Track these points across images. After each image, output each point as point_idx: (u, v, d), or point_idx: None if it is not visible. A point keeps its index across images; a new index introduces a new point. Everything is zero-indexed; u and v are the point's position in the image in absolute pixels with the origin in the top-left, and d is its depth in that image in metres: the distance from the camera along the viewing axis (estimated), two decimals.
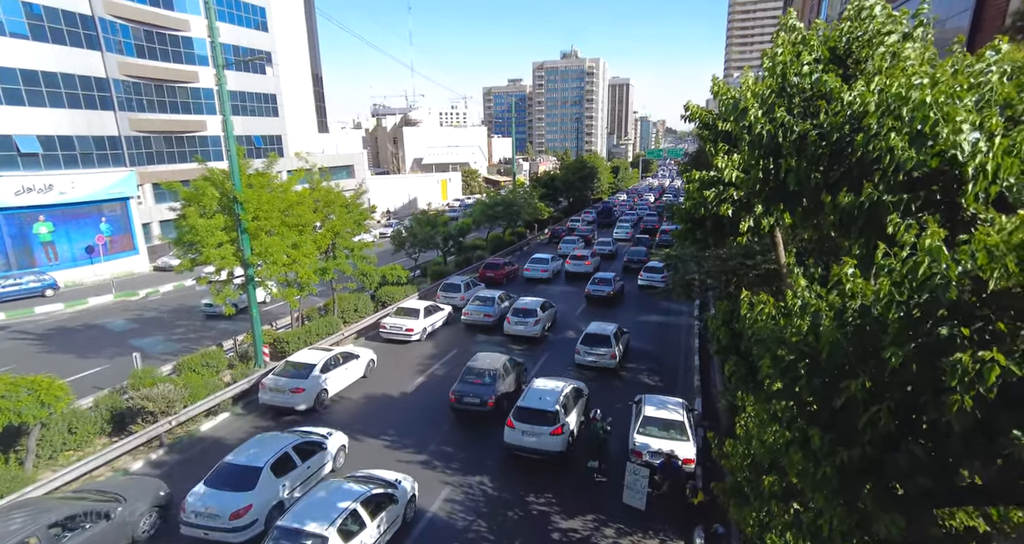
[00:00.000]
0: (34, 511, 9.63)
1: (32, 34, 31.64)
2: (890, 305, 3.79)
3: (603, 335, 19.83)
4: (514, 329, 22.78)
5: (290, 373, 16.78)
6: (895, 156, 5.09)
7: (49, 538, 9.26)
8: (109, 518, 10.36)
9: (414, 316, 22.97)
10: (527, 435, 13.83)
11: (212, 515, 10.70)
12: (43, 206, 32.97)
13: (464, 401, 16.02)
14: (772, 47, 7.43)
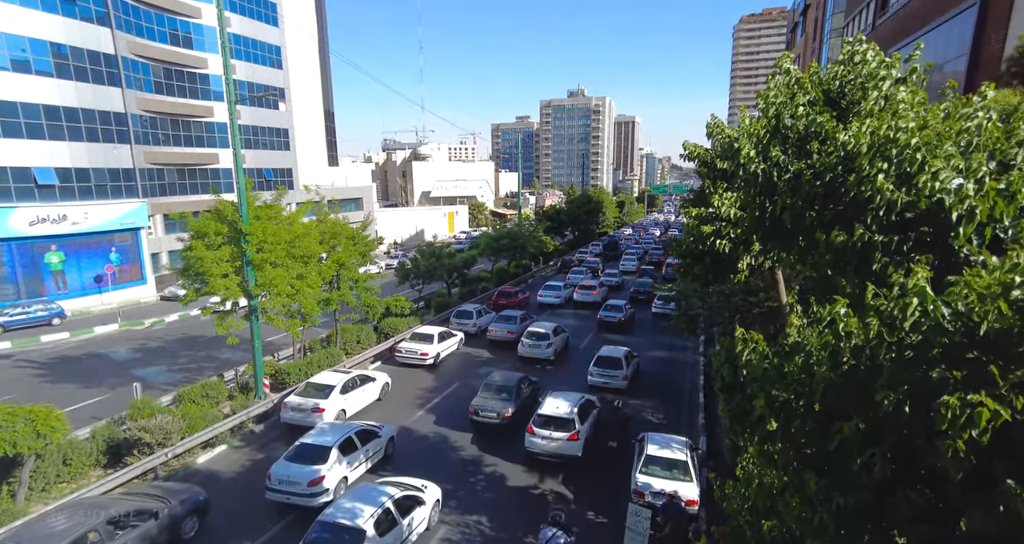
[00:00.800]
0: (94, 508, 10.57)
1: (57, 72, 32.94)
2: (880, 346, 3.76)
3: (615, 358, 20.93)
4: (527, 351, 24.01)
5: (311, 393, 17.64)
6: (884, 197, 5.16)
7: (107, 532, 10.14)
8: (157, 517, 11.25)
9: (429, 341, 23.88)
10: (546, 440, 15.03)
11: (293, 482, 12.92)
12: (56, 236, 33.58)
13: (481, 414, 17.08)
14: (767, 89, 7.64)
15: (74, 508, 10.59)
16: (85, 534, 9.76)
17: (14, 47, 31.02)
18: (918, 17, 15.53)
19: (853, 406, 4.22)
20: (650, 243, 71.17)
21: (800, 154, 7.14)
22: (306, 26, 59.68)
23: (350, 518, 10.58)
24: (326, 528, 10.57)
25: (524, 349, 24.09)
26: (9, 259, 32.19)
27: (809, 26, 39.26)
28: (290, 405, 17.52)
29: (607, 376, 20.50)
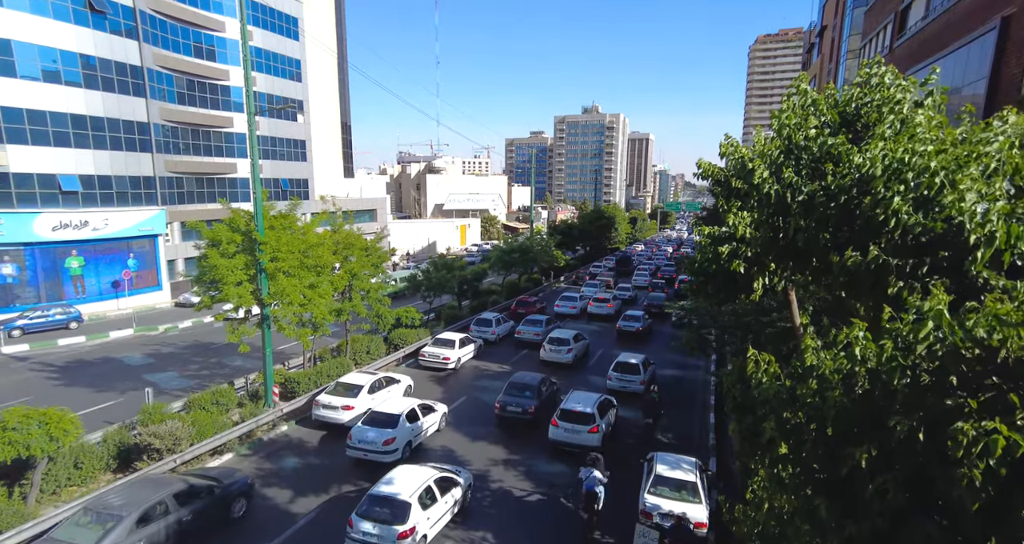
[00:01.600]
0: (162, 482, 12.13)
1: (86, 83, 33.90)
2: (895, 370, 3.72)
3: (633, 363, 22.23)
4: (549, 355, 25.59)
5: (341, 393, 18.64)
6: (900, 220, 5.13)
7: (173, 504, 11.55)
8: (213, 495, 12.52)
9: (451, 346, 25.17)
10: (569, 432, 16.69)
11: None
12: (77, 241, 34.26)
13: (508, 410, 18.65)
14: (781, 110, 7.66)
15: (145, 482, 12.24)
16: (156, 503, 11.24)
17: (46, 58, 32.03)
18: (937, 40, 15.51)
19: (866, 431, 4.16)
20: (662, 259, 70.92)
21: (814, 176, 7.13)
22: (326, 40, 60.94)
23: (397, 493, 11.83)
24: (376, 501, 11.84)
25: (546, 353, 25.70)
26: (31, 263, 32.88)
27: (825, 47, 39.34)
28: (321, 403, 18.44)
29: (625, 380, 21.87)
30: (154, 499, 11.22)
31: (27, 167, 31.83)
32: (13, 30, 30.53)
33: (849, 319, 6.03)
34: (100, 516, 10.64)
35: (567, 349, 25.43)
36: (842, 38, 31.65)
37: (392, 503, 11.70)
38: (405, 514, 11.53)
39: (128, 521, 10.57)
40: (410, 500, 11.75)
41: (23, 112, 31.28)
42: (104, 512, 10.71)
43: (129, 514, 10.68)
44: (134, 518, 10.69)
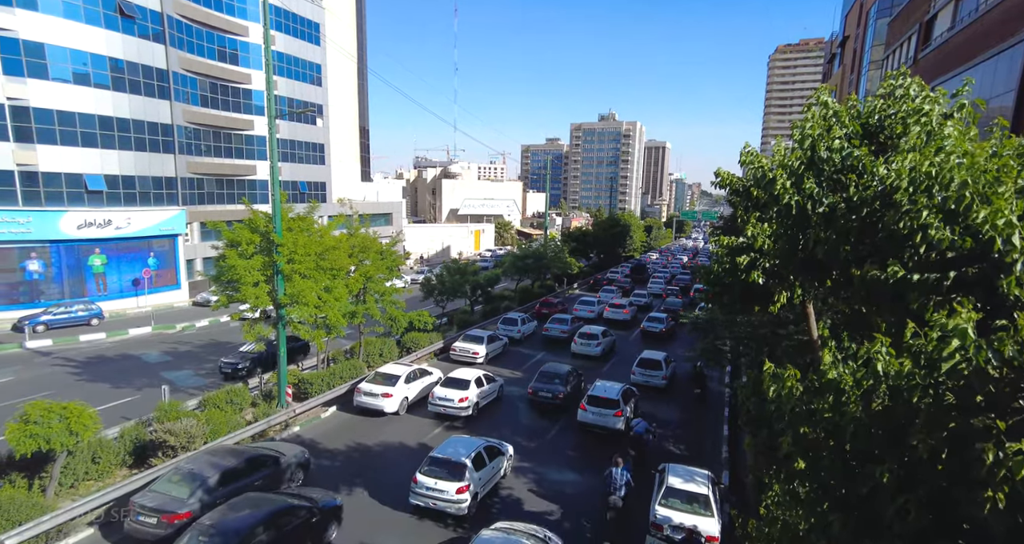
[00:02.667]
0: (235, 451, 13.94)
1: (113, 85, 34.76)
2: (916, 388, 3.64)
3: (656, 359, 23.97)
4: (579, 349, 28.26)
5: (381, 381, 20.35)
6: (928, 235, 5.03)
7: (246, 468, 13.29)
8: (278, 464, 14.18)
9: (480, 342, 27.12)
10: (596, 415, 18.64)
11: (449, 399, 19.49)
12: (100, 240, 34.99)
13: (539, 395, 20.90)
14: (803, 120, 7.58)
15: (220, 450, 14.06)
16: (233, 468, 13.01)
17: (77, 61, 32.90)
18: (963, 51, 15.29)
19: (885, 449, 4.08)
20: (677, 268, 70.73)
21: (835, 187, 7.04)
22: (346, 45, 61.80)
23: (455, 455, 14.01)
24: (437, 461, 13.85)
25: (576, 347, 28.33)
26: (56, 260, 33.64)
27: (847, 58, 38.96)
28: (363, 391, 20.16)
29: (648, 375, 23.53)
30: (231, 464, 13.07)
31: (55, 167, 32.66)
32: (47, 34, 31.44)
33: (869, 334, 5.94)
34: (190, 475, 12.52)
35: (596, 343, 28.06)
36: (864, 49, 31.32)
37: (451, 464, 13.69)
38: (462, 473, 13.52)
39: (212, 480, 12.47)
40: (466, 461, 13.77)
41: (53, 113, 32.15)
42: (191, 473, 12.57)
43: (212, 475, 12.57)
44: (216, 479, 12.55)
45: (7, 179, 31.17)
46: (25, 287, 32.88)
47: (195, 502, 11.94)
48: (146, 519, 11.71)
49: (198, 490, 12.12)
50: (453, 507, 13.40)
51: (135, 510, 11.87)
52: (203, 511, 11.65)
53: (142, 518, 11.77)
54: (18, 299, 32.50)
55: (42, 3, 31.19)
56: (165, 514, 11.62)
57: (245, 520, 10.83)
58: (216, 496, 12.24)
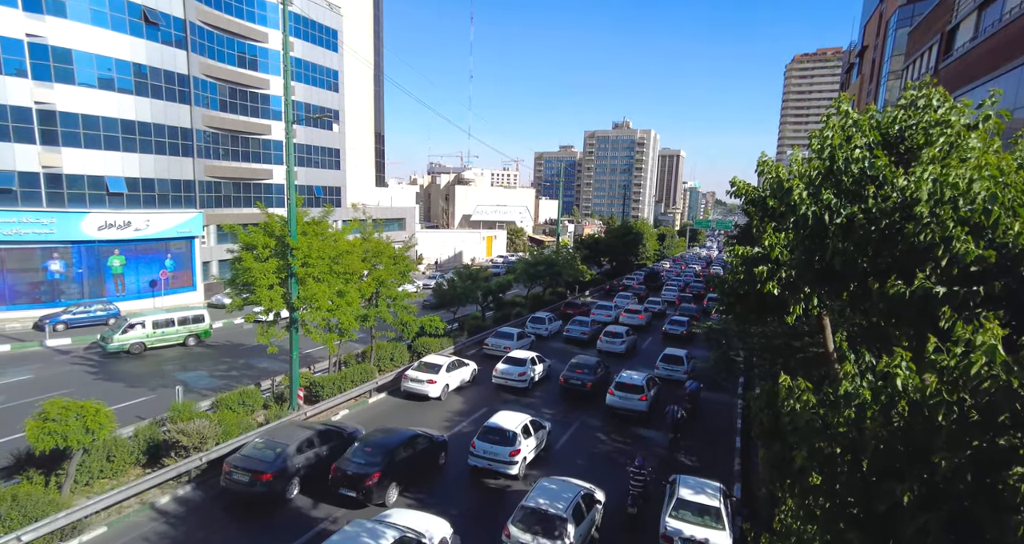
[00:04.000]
0: (305, 427, 16.20)
1: (136, 90, 35.51)
2: (939, 405, 3.56)
3: (678, 355, 26.77)
4: (604, 346, 30.94)
5: (425, 370, 22.62)
6: (952, 247, 4.94)
7: (318, 440, 15.42)
8: (342, 437, 16.32)
9: (510, 339, 29.55)
10: (623, 399, 21.10)
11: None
12: (119, 241, 35.62)
13: (570, 383, 23.39)
14: (822, 129, 7.51)
15: (298, 426, 16.27)
16: (308, 439, 15.07)
17: (102, 67, 33.68)
18: (986, 61, 15.08)
19: (906, 466, 3.98)
20: (691, 277, 70.72)
21: (854, 198, 6.96)
22: (363, 52, 62.53)
23: (507, 424, 16.54)
24: (491, 430, 16.38)
25: (602, 344, 31.01)
26: (77, 261, 34.29)
27: (865, 68, 38.61)
28: (410, 377, 22.54)
29: (671, 370, 26.19)
30: (306, 436, 15.15)
31: (79, 169, 33.38)
32: (74, 40, 32.25)
33: (888, 347, 5.83)
34: (271, 444, 14.58)
35: (620, 341, 30.86)
36: (884, 58, 31.03)
37: (503, 432, 16.18)
38: (515, 439, 15.98)
39: (291, 448, 14.48)
40: (517, 430, 16.27)
41: (78, 117, 32.90)
42: (274, 442, 14.67)
43: (291, 444, 14.62)
44: (294, 447, 14.58)
45: (33, 181, 31.91)
46: (47, 287, 33.53)
47: (278, 465, 13.97)
48: (240, 477, 13.87)
49: (280, 455, 14.14)
50: (506, 467, 15.81)
51: (230, 470, 13.94)
52: (283, 472, 14.00)
53: (236, 476, 13.89)
54: (40, 298, 33.15)
55: (71, 10, 32.01)
56: (256, 473, 13.73)
57: (391, 439, 15.13)
58: (294, 461, 14.40)
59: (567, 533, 11.72)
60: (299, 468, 14.53)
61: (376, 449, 14.54)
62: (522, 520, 12.13)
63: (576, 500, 12.63)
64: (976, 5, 16.65)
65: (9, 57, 30.38)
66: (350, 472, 13.94)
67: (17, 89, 30.75)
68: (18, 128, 31.07)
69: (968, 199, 4.76)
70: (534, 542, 11.76)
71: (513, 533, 11.96)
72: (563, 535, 11.69)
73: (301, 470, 14.60)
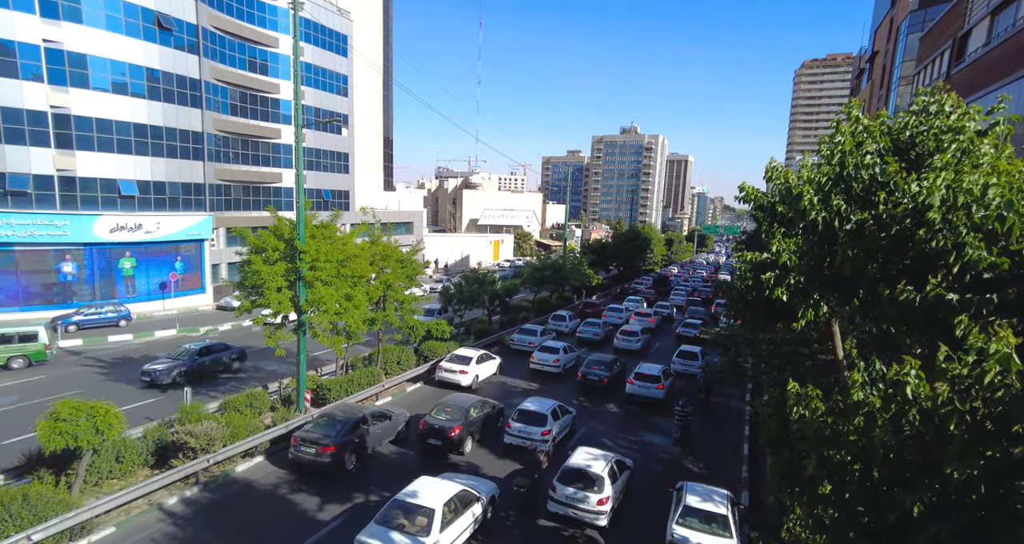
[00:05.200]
0: (363, 408, 18.03)
1: (149, 94, 35.99)
2: (951, 414, 3.51)
3: (693, 352, 28.72)
4: (621, 344, 32.74)
5: (457, 361, 24.66)
6: (964, 254, 4.89)
7: (371, 419, 17.31)
8: (390, 419, 18.19)
9: (534, 335, 31.67)
10: (641, 388, 23.23)
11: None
12: (130, 243, 36.01)
13: (588, 378, 24.94)
14: (832, 135, 7.46)
15: (351, 406, 18.35)
16: (363, 416, 17.08)
17: (116, 71, 34.17)
18: (999, 67, 14.96)
19: (917, 476, 3.94)
20: (698, 282, 70.78)
21: (864, 204, 6.91)
22: (372, 57, 62.99)
23: (540, 408, 18.41)
24: (524, 413, 18.28)
25: (618, 342, 32.90)
26: (89, 262, 34.71)
27: (876, 73, 38.40)
28: (444, 368, 24.55)
29: (686, 364, 28.10)
30: (360, 415, 17.12)
31: (92, 172, 33.82)
32: (89, 45, 32.76)
33: (898, 355, 5.77)
34: (332, 419, 16.62)
35: (636, 339, 32.68)
36: (894, 64, 30.85)
37: (536, 415, 18.10)
38: (545, 421, 17.95)
39: (348, 425, 16.36)
40: (547, 414, 18.13)
41: (92, 121, 33.36)
42: (335, 420, 16.58)
43: (350, 420, 16.47)
44: (351, 424, 16.39)
45: (47, 183, 32.36)
46: (59, 288, 33.93)
47: (338, 439, 15.83)
48: (307, 449, 15.78)
49: (340, 431, 16.10)
50: (538, 445, 17.33)
51: (298, 443, 15.88)
52: (344, 446, 15.99)
53: (303, 449, 15.80)
54: (52, 299, 33.55)
55: (87, 16, 32.53)
56: (320, 445, 15.60)
57: (466, 401, 18.59)
58: (352, 436, 16.39)
59: (605, 488, 13.80)
60: (356, 442, 16.61)
61: (455, 409, 18.03)
62: (566, 478, 14.13)
63: (611, 464, 14.67)
64: (989, 10, 16.54)
65: (26, 62, 30.90)
66: (436, 426, 17.35)
67: (33, 93, 31.25)
68: (34, 132, 31.56)
69: (982, 205, 4.71)
70: (577, 494, 13.77)
71: (559, 488, 14.00)
72: (601, 489, 13.78)
73: (358, 444, 16.70)
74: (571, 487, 13.88)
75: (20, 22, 30.46)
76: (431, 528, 11.40)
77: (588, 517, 13.69)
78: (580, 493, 13.76)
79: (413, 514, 11.70)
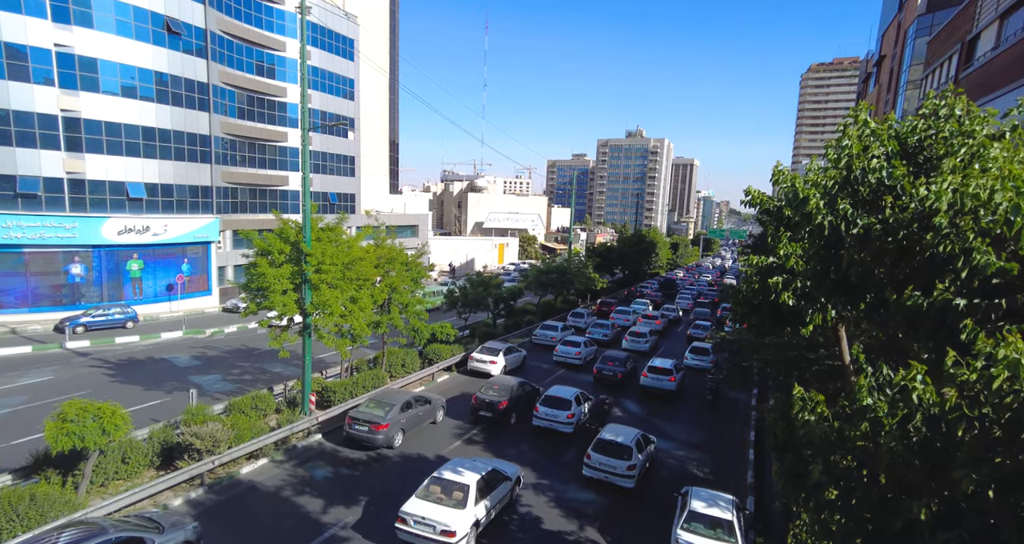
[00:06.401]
0: (407, 391, 20.34)
1: (158, 98, 36.30)
2: (958, 420, 3.48)
3: (705, 347, 30.47)
4: (630, 345, 34.04)
5: (487, 352, 27.24)
6: (972, 259, 4.86)
7: (415, 403, 19.37)
8: (430, 403, 20.23)
9: (555, 330, 34.24)
10: (655, 380, 24.85)
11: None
12: (138, 245, 36.26)
13: (603, 373, 26.60)
14: (839, 139, 7.44)
15: (397, 391, 20.30)
16: (408, 400, 18.96)
17: (126, 75, 34.49)
18: (1010, 71, 14.87)
19: (925, 482, 3.90)
20: (704, 286, 71.06)
21: (871, 208, 6.88)
22: (379, 60, 63.34)
23: (565, 395, 20.43)
24: (550, 399, 20.25)
25: (627, 343, 34.18)
26: (97, 264, 34.96)
27: (883, 77, 38.26)
28: (475, 359, 26.98)
29: (698, 359, 30.09)
30: (407, 398, 19.08)
31: (101, 175, 34.11)
32: (100, 50, 33.10)
33: (903, 360, 5.73)
34: (381, 403, 18.36)
35: (644, 340, 34.16)
36: (902, 68, 30.73)
37: (562, 400, 20.05)
38: (569, 405, 19.91)
39: (396, 408, 18.26)
40: (571, 399, 20.18)
41: (102, 124, 33.68)
42: (384, 402, 18.40)
43: (397, 403, 18.41)
44: (399, 407, 18.36)
45: (57, 186, 32.67)
46: (67, 289, 34.19)
47: (388, 418, 17.80)
48: (360, 427, 17.79)
49: (389, 411, 18.02)
50: (563, 427, 19.78)
51: (352, 422, 17.93)
52: (394, 424, 18.00)
53: (357, 427, 17.85)
54: (61, 301, 33.81)
55: (97, 21, 32.88)
56: (374, 424, 17.64)
57: (510, 381, 21.62)
58: (398, 416, 18.29)
59: (633, 456, 16.01)
60: (403, 422, 18.56)
61: (502, 387, 21.18)
62: (600, 448, 16.42)
63: (637, 437, 16.91)
64: (998, 14, 16.46)
65: (38, 66, 31.24)
66: (487, 400, 20.48)
67: (44, 97, 31.59)
68: (44, 135, 31.88)
69: (990, 210, 4.68)
70: (609, 463, 16.00)
71: (593, 456, 16.30)
72: (630, 457, 15.97)
73: (405, 424, 18.63)
74: (604, 455, 16.15)
75: (32, 27, 30.83)
76: (467, 501, 12.84)
77: (619, 480, 15.99)
78: (612, 460, 16.03)
79: (450, 489, 13.12)
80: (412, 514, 12.51)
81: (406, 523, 12.55)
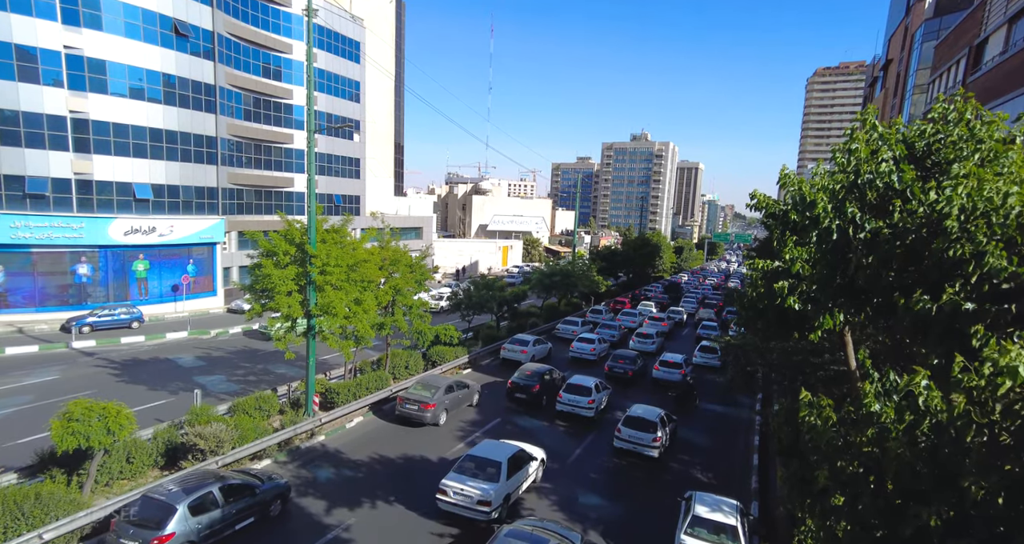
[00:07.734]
0: (447, 378, 22.32)
1: (165, 99, 36.53)
2: (967, 426, 3.44)
3: (713, 347, 31.74)
4: (636, 346, 34.76)
5: (518, 343, 30.18)
6: (984, 263, 4.81)
7: (456, 386, 21.68)
8: (467, 388, 22.61)
9: (576, 325, 36.98)
10: (666, 373, 27.47)
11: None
12: (144, 246, 36.44)
13: (614, 371, 28.15)
14: (847, 143, 7.40)
15: (438, 377, 22.32)
16: (450, 384, 21.29)
17: (134, 77, 34.73)
18: (1018, 75, 14.80)
19: (933, 489, 3.86)
20: (708, 290, 71.08)
21: (879, 212, 6.84)
22: (384, 63, 63.53)
23: (584, 383, 22.29)
24: (572, 386, 22.33)
25: (634, 344, 35.11)
26: (104, 265, 35.15)
27: (890, 81, 38.11)
28: (507, 348, 30.04)
29: (706, 358, 31.74)
30: (450, 381, 21.41)
31: (108, 176, 34.32)
32: (109, 52, 33.35)
33: (910, 365, 5.68)
34: (428, 386, 20.74)
35: (651, 341, 35.34)
36: (909, 72, 30.62)
37: (582, 387, 22.04)
38: (590, 392, 21.91)
39: (441, 390, 20.63)
40: (591, 387, 21.99)
41: (110, 125, 33.91)
42: (430, 384, 20.79)
43: (442, 386, 20.70)
44: (443, 389, 20.69)
45: (65, 187, 32.89)
46: (74, 289, 34.39)
47: (435, 399, 20.11)
48: (410, 406, 19.99)
49: (436, 393, 20.36)
50: (585, 411, 21.77)
51: (403, 401, 20.18)
52: (440, 405, 20.33)
53: (408, 406, 20.01)
54: (67, 301, 34.00)
55: (107, 23, 33.13)
56: (423, 403, 19.88)
57: (541, 368, 24.07)
58: (443, 397, 20.61)
59: (658, 430, 18.48)
60: (447, 403, 20.67)
61: (534, 373, 23.72)
62: (629, 423, 18.94)
63: (661, 415, 19.31)
64: (1006, 19, 16.38)
65: (47, 68, 31.49)
66: (522, 384, 23.04)
67: (53, 99, 31.83)
68: (53, 136, 32.12)
69: (1002, 214, 4.64)
70: (636, 435, 18.56)
71: (623, 430, 18.82)
72: (656, 431, 18.42)
73: (448, 404, 20.81)
74: (632, 429, 18.71)
75: (43, 29, 31.10)
76: (500, 476, 14.34)
77: (647, 451, 18.43)
78: (639, 433, 18.57)
79: (484, 466, 14.64)
80: (451, 486, 14.00)
81: (446, 494, 14.04)
